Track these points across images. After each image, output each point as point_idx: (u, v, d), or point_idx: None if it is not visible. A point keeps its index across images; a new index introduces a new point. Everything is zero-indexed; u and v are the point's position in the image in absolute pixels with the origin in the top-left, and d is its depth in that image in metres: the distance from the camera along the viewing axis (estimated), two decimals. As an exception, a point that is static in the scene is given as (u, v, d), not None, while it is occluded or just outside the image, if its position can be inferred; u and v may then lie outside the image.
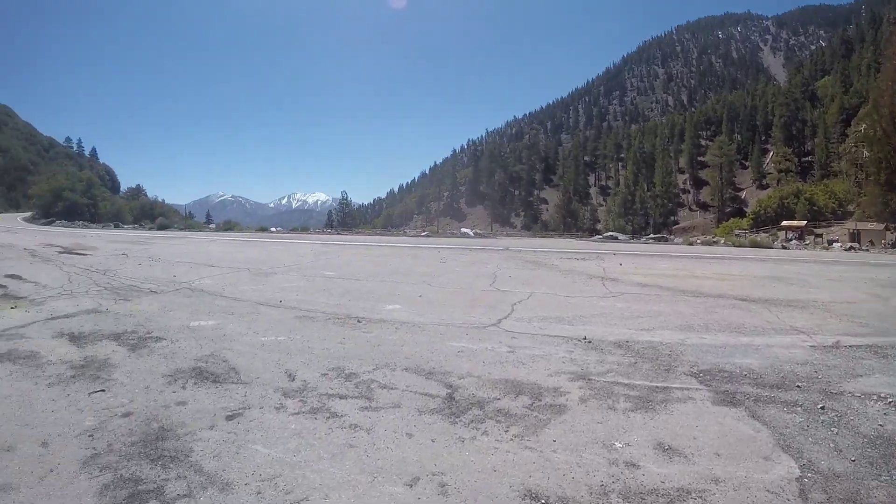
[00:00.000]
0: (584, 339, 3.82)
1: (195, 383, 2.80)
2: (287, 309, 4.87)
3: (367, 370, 3.05)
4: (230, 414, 2.39)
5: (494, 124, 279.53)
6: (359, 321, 4.36)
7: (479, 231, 24.93)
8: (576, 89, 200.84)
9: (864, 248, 21.42)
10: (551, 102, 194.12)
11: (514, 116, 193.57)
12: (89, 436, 2.14)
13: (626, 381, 2.90)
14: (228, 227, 31.96)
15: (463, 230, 24.89)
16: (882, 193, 24.24)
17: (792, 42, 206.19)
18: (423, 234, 21.84)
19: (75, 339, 3.71)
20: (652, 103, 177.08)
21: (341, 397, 2.63)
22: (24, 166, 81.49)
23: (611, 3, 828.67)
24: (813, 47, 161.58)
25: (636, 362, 3.28)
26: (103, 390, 2.68)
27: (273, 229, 27.33)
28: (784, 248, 19.75)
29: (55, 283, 6.15)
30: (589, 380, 2.92)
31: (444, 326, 4.22)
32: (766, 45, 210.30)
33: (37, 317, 4.40)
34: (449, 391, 2.72)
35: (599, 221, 79.49)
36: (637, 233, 45.88)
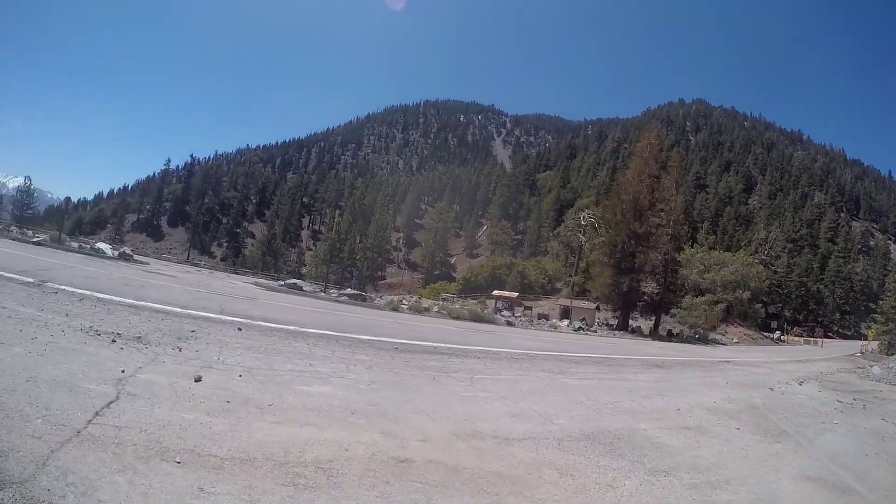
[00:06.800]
0: None
1: None
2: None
3: None
4: None
5: (227, 148, 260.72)
6: None
7: (129, 251, 19.76)
8: (314, 133, 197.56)
9: (590, 329, 22.13)
10: (287, 140, 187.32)
11: (248, 145, 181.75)
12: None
13: None
14: None
15: (99, 245, 19.45)
16: (613, 275, 25.08)
17: (522, 139, 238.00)
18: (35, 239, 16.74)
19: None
20: (384, 163, 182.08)
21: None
22: None
23: (374, 65, 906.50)
24: (539, 148, 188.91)
25: None
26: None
27: None
28: (509, 324, 17.18)
29: None
30: None
31: None
32: (499, 136, 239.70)
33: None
34: None
35: (305, 265, 73.88)
36: (340, 283, 39.89)
